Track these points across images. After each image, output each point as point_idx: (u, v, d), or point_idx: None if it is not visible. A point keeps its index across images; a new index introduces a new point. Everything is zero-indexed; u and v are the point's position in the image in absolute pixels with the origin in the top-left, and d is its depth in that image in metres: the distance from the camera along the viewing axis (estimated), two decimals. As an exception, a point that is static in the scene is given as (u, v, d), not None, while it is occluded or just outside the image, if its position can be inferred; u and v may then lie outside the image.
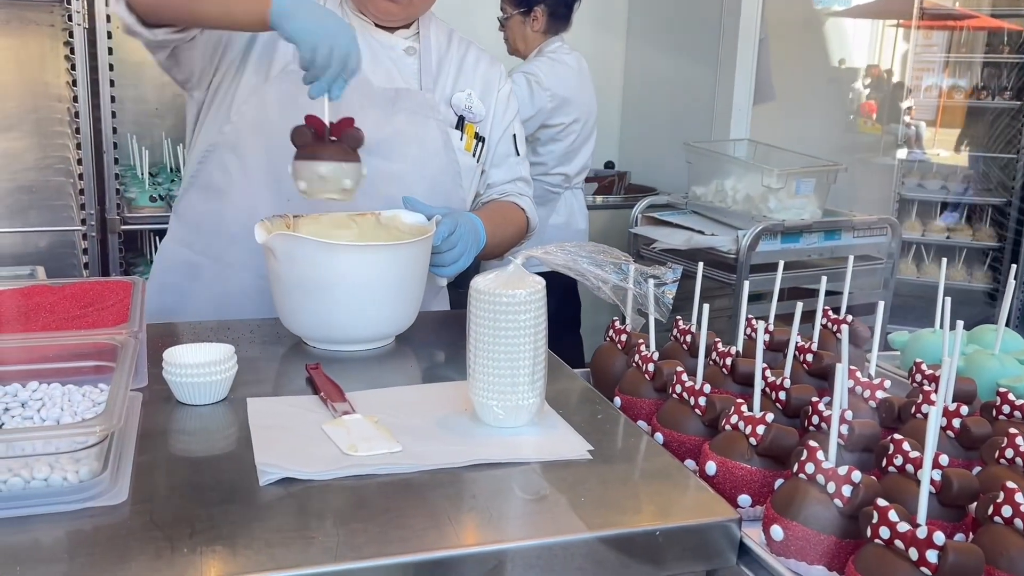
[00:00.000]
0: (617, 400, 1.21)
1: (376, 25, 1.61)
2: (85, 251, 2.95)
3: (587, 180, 3.66)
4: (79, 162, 3.03)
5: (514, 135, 1.76)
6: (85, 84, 2.89)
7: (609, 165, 4.27)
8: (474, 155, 1.67)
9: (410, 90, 1.60)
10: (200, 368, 1.12)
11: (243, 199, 1.56)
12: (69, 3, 2.66)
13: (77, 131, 3.00)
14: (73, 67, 2.68)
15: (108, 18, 2.70)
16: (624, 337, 1.31)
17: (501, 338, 1.05)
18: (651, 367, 1.19)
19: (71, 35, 2.63)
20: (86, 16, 2.62)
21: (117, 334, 1.11)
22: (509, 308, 1.04)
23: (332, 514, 0.87)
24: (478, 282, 1.07)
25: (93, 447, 0.87)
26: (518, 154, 1.77)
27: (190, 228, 1.64)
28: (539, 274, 1.09)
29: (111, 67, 2.91)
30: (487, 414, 1.08)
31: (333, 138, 1.36)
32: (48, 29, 3.11)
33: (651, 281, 1.17)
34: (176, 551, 0.80)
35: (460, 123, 1.65)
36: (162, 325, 1.46)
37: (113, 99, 2.97)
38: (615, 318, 1.36)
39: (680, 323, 1.34)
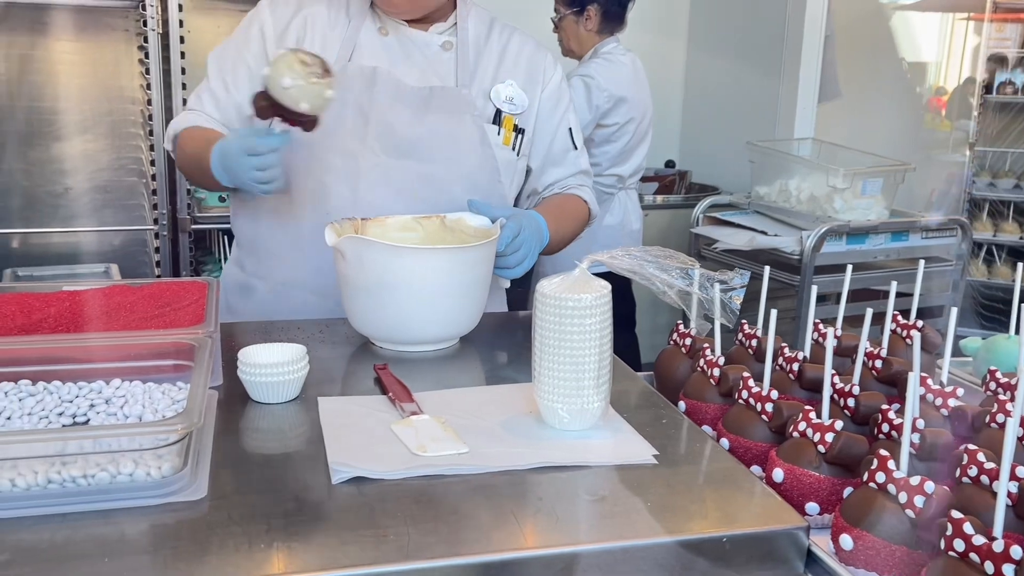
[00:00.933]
0: (681, 404, 1.21)
1: (410, 23, 1.60)
2: (157, 250, 3.05)
3: (647, 179, 3.65)
4: (152, 163, 3.13)
5: (569, 128, 1.74)
6: (159, 87, 2.98)
7: (670, 164, 4.25)
8: (513, 148, 1.65)
9: (445, 88, 1.59)
10: (274, 368, 1.15)
11: (285, 218, 1.59)
12: (144, 9, 2.75)
13: (150, 133, 3.09)
14: (147, 71, 2.77)
15: (181, 23, 2.78)
16: (688, 341, 1.31)
17: (567, 342, 1.06)
18: (716, 372, 1.18)
19: (145, 40, 2.72)
20: (160, 22, 2.70)
21: (194, 334, 1.15)
22: (575, 312, 1.05)
23: (402, 513, 0.89)
24: (544, 286, 1.08)
25: (175, 444, 0.91)
26: (576, 148, 1.75)
27: (242, 249, 1.69)
28: (594, 274, 1.09)
29: (183, 71, 3.00)
30: (552, 417, 1.09)
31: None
32: (123, 34, 3.21)
33: (717, 286, 1.17)
34: (254, 546, 0.82)
35: (497, 117, 1.63)
36: (233, 324, 1.50)
37: (185, 101, 3.06)
38: (679, 321, 1.36)
39: (745, 327, 1.33)
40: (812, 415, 1.00)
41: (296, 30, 1.58)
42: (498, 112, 1.63)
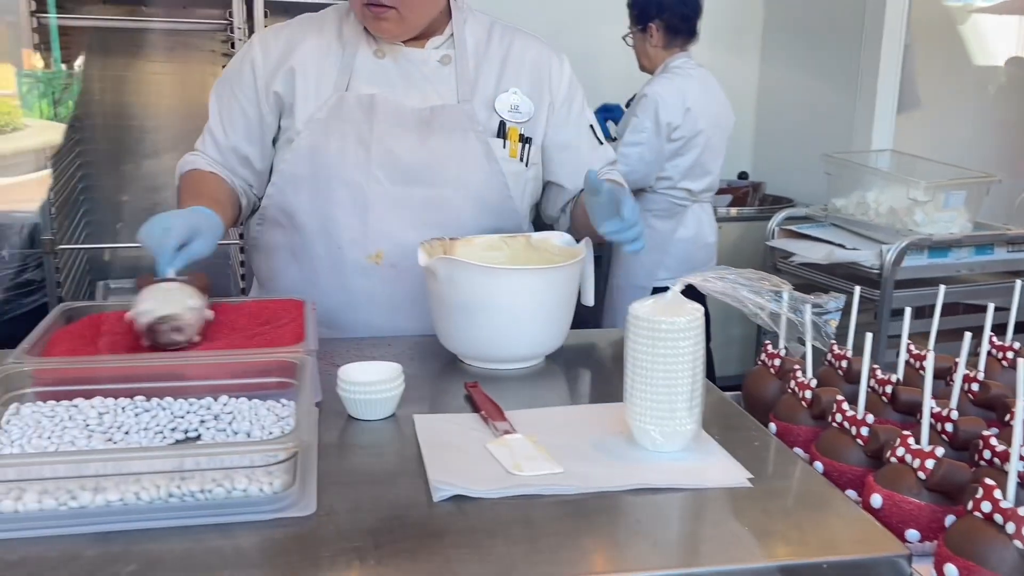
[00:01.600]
0: (772, 426, 1.21)
1: (405, 42, 1.58)
2: (242, 263, 3.13)
3: (721, 192, 3.62)
4: (235, 180, 3.22)
5: (591, 126, 1.69)
6: (243, 106, 3.06)
7: (743, 175, 4.21)
8: (520, 159, 1.61)
9: (445, 106, 1.56)
10: (373, 386, 1.18)
11: (298, 254, 1.60)
12: (232, 31, 2.83)
13: (234, 150, 3.19)
14: (234, 91, 2.85)
15: (266, 44, 2.86)
16: (777, 362, 1.31)
17: (660, 365, 1.07)
18: (808, 394, 1.18)
19: (232, 61, 2.81)
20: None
21: (296, 352, 1.19)
22: (668, 335, 1.06)
23: (502, 532, 0.91)
24: (637, 309, 1.09)
25: (285, 461, 0.94)
26: (601, 143, 1.70)
27: (262, 286, 1.72)
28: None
29: (266, 89, 3.09)
30: (644, 438, 1.10)
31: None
32: (210, 55, 3.33)
33: (809, 308, 1.17)
34: (364, 562, 0.85)
35: (502, 129, 1.59)
36: (324, 341, 1.55)
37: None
38: (767, 341, 1.36)
39: (835, 347, 1.32)
40: (911, 441, 0.99)
41: (284, 74, 1.57)
42: (502, 124, 1.59)
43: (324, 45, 1.60)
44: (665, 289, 1.11)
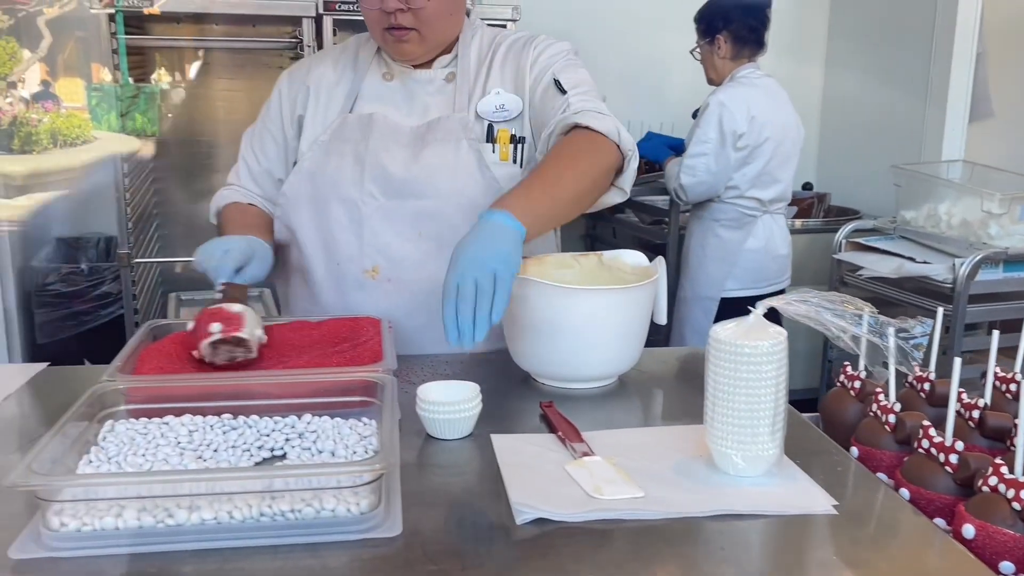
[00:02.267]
0: (854, 450, 1.19)
1: (415, 66, 1.62)
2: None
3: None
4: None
5: (555, 80, 1.56)
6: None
7: (807, 186, 4.15)
8: (514, 161, 1.59)
9: (440, 119, 1.58)
10: (451, 405, 1.20)
11: (305, 273, 1.63)
12: (301, 49, 2.89)
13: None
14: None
15: (335, 62, 2.90)
16: (858, 384, 1.29)
17: (742, 389, 1.06)
18: (892, 418, 1.16)
19: (301, 78, 2.85)
20: (315, 61, 2.83)
21: (376, 371, 1.21)
22: (751, 360, 1.05)
23: (587, 557, 0.92)
24: (718, 332, 1.08)
25: (372, 482, 0.96)
26: (563, 91, 1.54)
27: (283, 308, 1.75)
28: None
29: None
30: (726, 463, 1.09)
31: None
32: (277, 72, 3.39)
33: (892, 332, 1.15)
34: (451, 585, 0.86)
35: (490, 132, 1.58)
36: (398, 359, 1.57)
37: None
38: (846, 363, 1.34)
39: (916, 369, 1.29)
40: (1004, 470, 0.97)
41: (303, 94, 1.64)
42: (490, 127, 1.58)
43: (338, 73, 1.66)
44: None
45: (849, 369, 1.31)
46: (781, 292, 3.06)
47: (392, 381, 1.17)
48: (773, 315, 1.07)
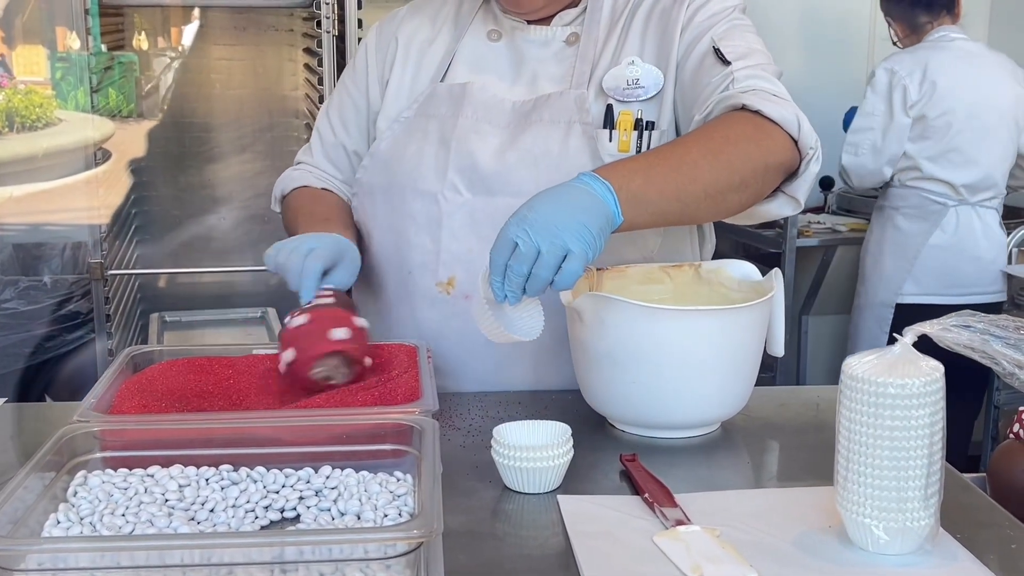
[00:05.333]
0: (1032, 522, 1.17)
1: (531, 21, 1.61)
2: (319, 292, 3.24)
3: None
4: (316, 189, 3.32)
5: (714, 48, 1.51)
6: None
7: (825, 183, 4.14)
8: (638, 151, 1.54)
9: (551, 95, 1.57)
10: (538, 451, 1.22)
11: (371, 283, 1.66)
12: (318, 7, 2.93)
13: (315, 153, 3.29)
14: (319, 80, 2.95)
15: (360, 23, 2.94)
16: (1037, 436, 1.26)
17: (885, 440, 1.05)
18: (1085, 482, 1.14)
19: (319, 44, 2.90)
20: (335, 22, 2.88)
21: (412, 412, 1.22)
22: (898, 402, 1.04)
23: (683, 655, 0.91)
24: (853, 366, 1.07)
25: (408, 554, 0.96)
26: (727, 63, 1.48)
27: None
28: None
29: (358, 79, 3.17)
30: (864, 536, 1.08)
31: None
32: (287, 35, 3.45)
33: (1086, 367, 1.12)
34: None
35: (609, 115, 1.55)
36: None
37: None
38: (1021, 408, 1.31)
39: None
40: None
41: (391, 53, 1.68)
42: (610, 109, 1.56)
43: (437, 26, 1.68)
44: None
45: (1026, 416, 1.29)
46: (987, 307, 3.05)
47: (433, 425, 1.18)
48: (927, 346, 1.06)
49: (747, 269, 1.53)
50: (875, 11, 3.91)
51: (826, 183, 3.96)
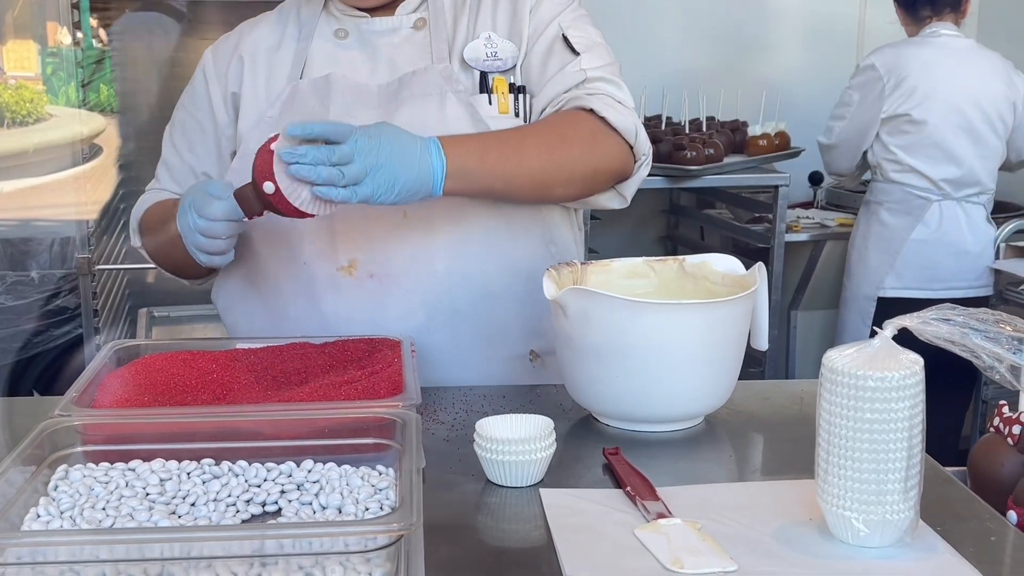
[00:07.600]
0: (1012, 515, 1.18)
1: (373, 12, 1.62)
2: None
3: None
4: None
5: (563, 35, 1.62)
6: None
7: (814, 177, 4.15)
8: (516, 114, 1.61)
9: (416, 72, 1.59)
10: (520, 444, 1.22)
11: (258, 275, 1.64)
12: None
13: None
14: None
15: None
16: (1018, 429, 1.27)
17: (865, 433, 1.05)
18: (1064, 475, 1.14)
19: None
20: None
21: (395, 406, 1.22)
22: (877, 395, 1.04)
23: (662, 647, 0.91)
24: (833, 359, 1.07)
25: (388, 547, 0.97)
26: (576, 53, 1.61)
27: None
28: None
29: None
30: (843, 529, 1.08)
31: None
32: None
33: (1067, 360, 1.12)
34: None
35: (484, 81, 1.60)
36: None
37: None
38: (1002, 402, 1.32)
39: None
40: None
41: (234, 71, 1.67)
42: (484, 76, 1.60)
43: (278, 34, 1.68)
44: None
45: (1006, 410, 1.29)
46: (972, 302, 3.08)
47: (415, 419, 1.18)
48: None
49: (732, 263, 1.53)
50: (864, 6, 3.95)
51: (815, 178, 3.97)
